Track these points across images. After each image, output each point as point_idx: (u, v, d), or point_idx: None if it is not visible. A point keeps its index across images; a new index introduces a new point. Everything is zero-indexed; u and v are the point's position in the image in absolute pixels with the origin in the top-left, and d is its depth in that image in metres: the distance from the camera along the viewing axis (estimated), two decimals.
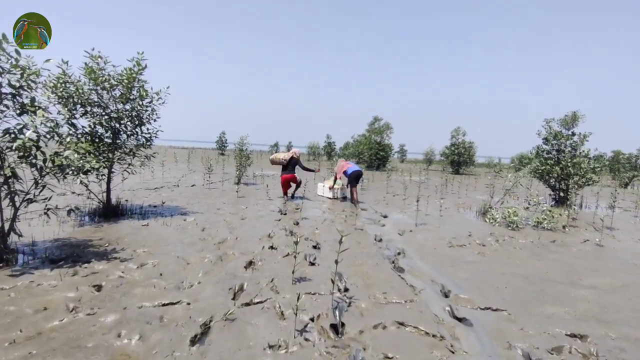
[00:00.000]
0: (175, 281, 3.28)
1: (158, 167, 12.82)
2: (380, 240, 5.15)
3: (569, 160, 9.55)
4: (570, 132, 10.15)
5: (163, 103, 5.83)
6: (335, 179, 9.10)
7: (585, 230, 6.63)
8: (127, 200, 7.14)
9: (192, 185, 10.06)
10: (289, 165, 9.34)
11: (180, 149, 42.97)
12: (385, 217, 7.09)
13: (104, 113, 5.42)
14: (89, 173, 3.99)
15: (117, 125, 5.52)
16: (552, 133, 10.12)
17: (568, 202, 9.84)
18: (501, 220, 6.76)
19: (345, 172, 8.81)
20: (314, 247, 4.60)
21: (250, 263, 3.89)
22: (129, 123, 5.66)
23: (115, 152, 5.67)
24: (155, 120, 5.97)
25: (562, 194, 9.99)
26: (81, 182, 3.94)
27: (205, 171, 11.10)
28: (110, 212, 5.76)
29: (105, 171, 5.64)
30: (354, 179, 8.69)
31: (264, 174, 15.26)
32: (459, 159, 23.47)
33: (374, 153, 24.17)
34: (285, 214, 6.77)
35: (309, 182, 11.71)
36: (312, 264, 4.00)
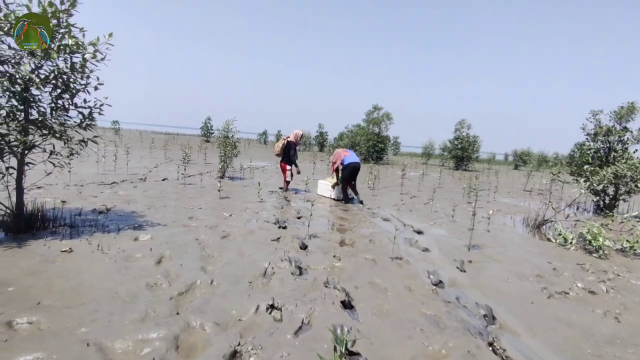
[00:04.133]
0: None
1: (123, 154, 10.66)
2: (440, 283, 3.30)
3: (623, 160, 7.87)
4: (622, 127, 8.49)
5: (102, 60, 3.78)
6: (337, 172, 7.23)
7: None
8: (62, 202, 5.11)
9: (163, 180, 8.01)
10: (284, 154, 7.58)
11: (162, 135, 40.31)
12: (419, 232, 5.25)
13: (4, 71, 3.39)
14: None
15: (24, 93, 3.47)
16: (602, 128, 8.42)
17: (613, 211, 8.19)
18: (575, 242, 5.00)
19: (342, 162, 6.98)
20: (344, 304, 2.71)
21: (234, 355, 2.00)
22: (46, 89, 3.63)
23: (27, 133, 3.63)
24: (93, 88, 3.93)
25: (607, 201, 8.32)
26: None
27: (181, 161, 9.01)
28: (20, 225, 3.75)
29: (11, 162, 3.64)
30: (350, 172, 6.87)
31: (253, 165, 13.23)
32: (462, 154, 21.84)
33: (371, 145, 22.34)
34: (285, 227, 4.86)
35: (306, 175, 9.81)
36: (352, 353, 2.12)
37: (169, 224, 4.51)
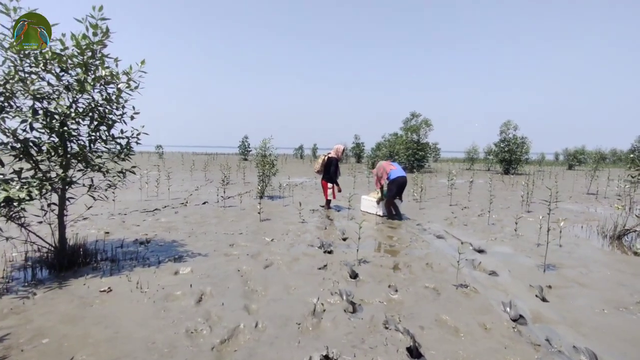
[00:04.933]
0: None
1: (165, 179, 10.85)
2: (520, 318, 2.77)
3: None
4: None
5: (136, 88, 3.67)
6: (381, 186, 6.77)
7: None
8: (106, 234, 5.08)
9: (204, 203, 7.95)
10: (325, 171, 7.36)
11: (202, 155, 41.72)
12: (480, 251, 4.68)
13: (41, 107, 3.35)
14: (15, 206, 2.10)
15: (61, 128, 3.40)
16: None
17: None
18: None
19: (388, 177, 6.51)
20: (411, 353, 2.28)
21: None
22: (83, 122, 3.57)
23: (68, 167, 3.57)
24: (129, 117, 3.84)
25: None
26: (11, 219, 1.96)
27: (220, 184, 8.94)
28: (63, 261, 3.67)
29: (52, 198, 3.59)
30: (397, 188, 6.37)
31: (291, 182, 13.06)
32: (510, 156, 20.49)
33: (411, 153, 21.58)
34: (331, 251, 4.49)
35: (347, 191, 9.42)
36: None
37: (209, 254, 4.29)
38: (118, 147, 3.99)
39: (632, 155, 8.00)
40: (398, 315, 2.79)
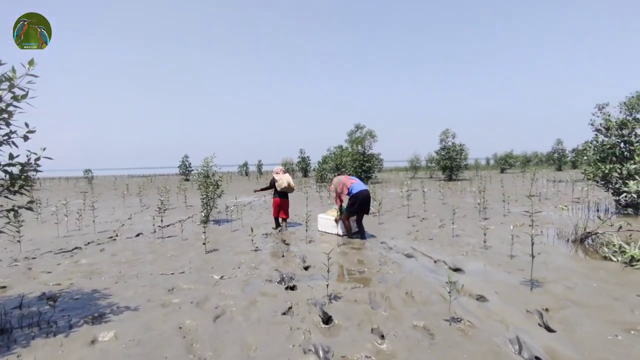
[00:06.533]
0: None
1: (90, 209, 9.40)
2: None
3: None
4: (633, 118, 7.92)
5: (24, 97, 2.75)
6: (340, 204, 6.24)
7: None
8: (1, 288, 3.93)
9: (137, 236, 6.83)
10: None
11: (138, 178, 38.70)
12: (456, 270, 4.29)
13: None
14: None
15: None
16: (613, 121, 7.82)
17: None
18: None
19: (349, 192, 5.99)
20: None
21: None
22: None
23: None
24: (22, 138, 2.90)
25: (629, 199, 7.59)
26: None
27: (157, 211, 7.83)
28: None
29: None
30: (361, 203, 5.87)
31: (239, 202, 12.12)
32: (451, 163, 21.32)
33: (358, 165, 21.56)
34: (294, 287, 3.80)
35: (301, 206, 8.78)
36: None
37: (142, 306, 3.39)
38: (8, 176, 3.03)
39: (586, 157, 8.33)
40: None
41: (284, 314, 3.14)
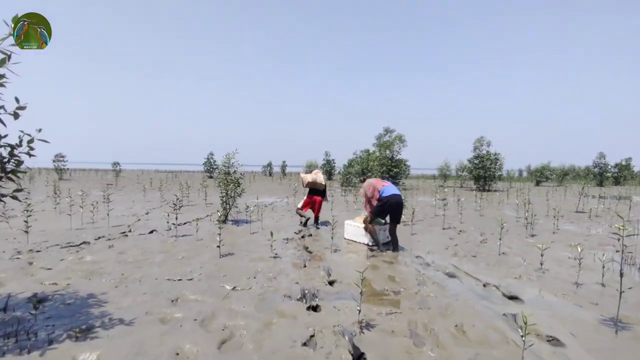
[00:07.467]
0: None
1: (110, 201, 9.12)
2: None
3: None
4: None
5: (3, 63, 2.29)
6: (370, 210, 5.58)
7: None
8: None
9: (151, 232, 6.41)
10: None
11: (163, 173, 39.25)
12: (512, 298, 3.55)
13: None
14: None
15: None
16: None
17: None
18: None
19: (380, 196, 5.32)
20: None
21: None
22: None
23: None
24: (12, 114, 2.45)
25: None
26: None
27: (172, 207, 7.35)
28: None
29: None
30: (392, 209, 5.21)
31: (260, 203, 11.64)
32: (485, 173, 20.13)
33: (385, 170, 20.77)
34: (317, 307, 3.19)
35: (324, 212, 8.17)
36: None
37: (137, 319, 2.86)
38: None
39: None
40: None
41: (304, 344, 2.53)
